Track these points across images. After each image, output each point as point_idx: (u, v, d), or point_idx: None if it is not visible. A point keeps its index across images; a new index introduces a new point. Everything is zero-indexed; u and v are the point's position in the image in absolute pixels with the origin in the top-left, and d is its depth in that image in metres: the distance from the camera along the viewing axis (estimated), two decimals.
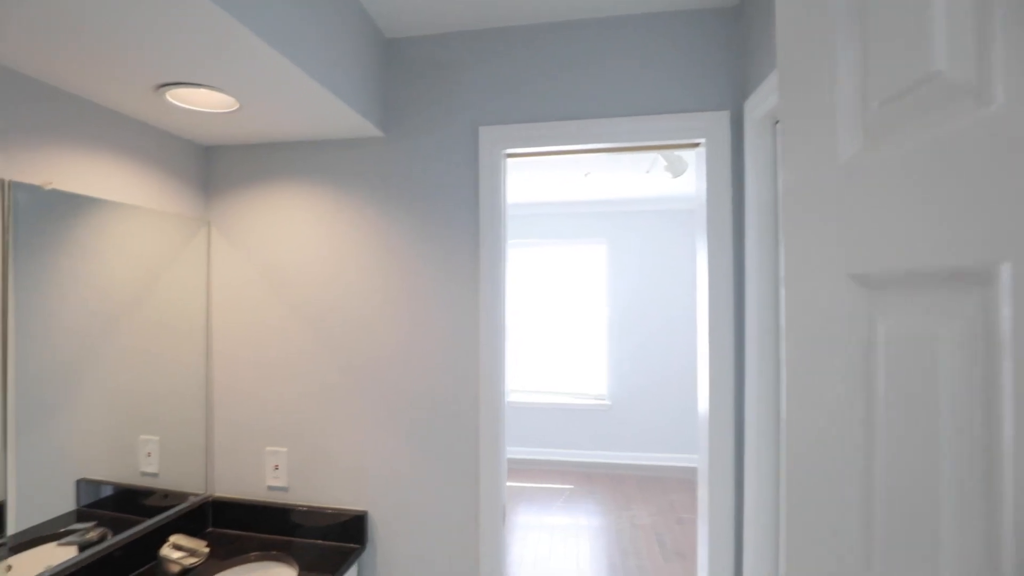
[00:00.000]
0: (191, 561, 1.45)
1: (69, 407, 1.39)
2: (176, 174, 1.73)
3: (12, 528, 1.21)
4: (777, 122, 1.42)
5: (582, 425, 5.20)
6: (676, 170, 2.81)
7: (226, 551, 1.63)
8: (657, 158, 3.04)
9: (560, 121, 1.64)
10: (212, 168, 1.85)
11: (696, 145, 1.65)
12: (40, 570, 1.26)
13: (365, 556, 1.72)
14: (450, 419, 1.68)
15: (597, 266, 5.25)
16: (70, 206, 1.40)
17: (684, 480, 4.68)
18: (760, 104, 1.40)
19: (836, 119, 0.61)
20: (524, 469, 5.01)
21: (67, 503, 1.36)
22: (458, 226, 1.69)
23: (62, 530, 1.33)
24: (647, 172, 3.62)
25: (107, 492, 1.47)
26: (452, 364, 1.69)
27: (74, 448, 1.39)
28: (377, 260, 1.73)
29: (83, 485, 1.40)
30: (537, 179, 4.03)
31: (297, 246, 1.79)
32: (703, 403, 1.62)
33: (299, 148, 1.79)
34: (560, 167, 3.61)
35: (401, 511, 1.70)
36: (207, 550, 1.48)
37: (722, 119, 1.57)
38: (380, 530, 1.71)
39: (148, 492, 1.59)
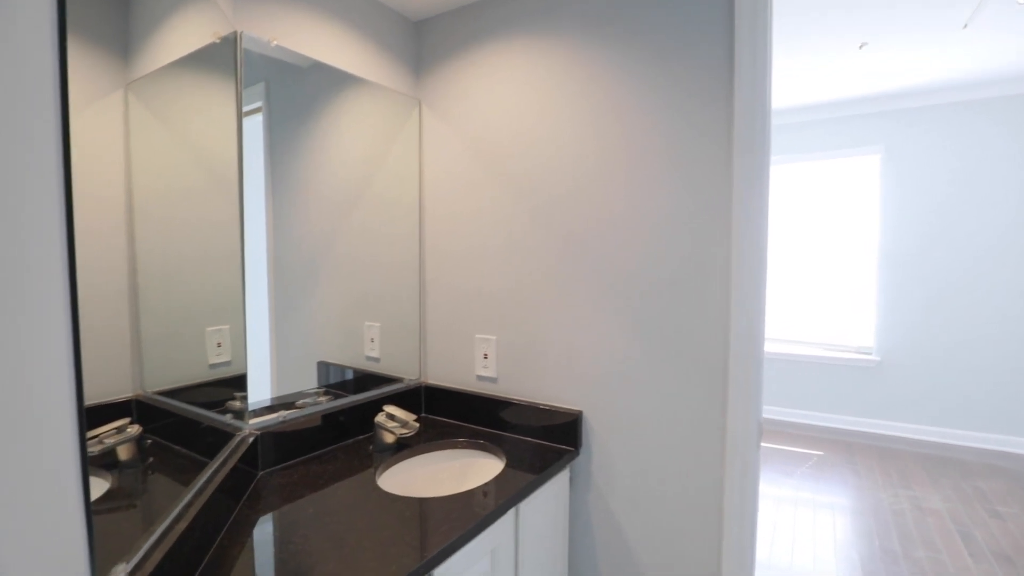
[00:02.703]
0: (402, 432, 1.39)
1: (312, 292, 1.46)
2: (389, 48, 1.66)
3: (274, 393, 1.37)
4: None
5: (839, 384, 4.24)
6: None
7: (436, 434, 1.56)
8: None
9: None
10: (421, 43, 1.75)
11: None
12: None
13: (578, 462, 1.49)
14: (688, 309, 1.31)
15: (866, 184, 4.12)
16: (297, 70, 1.39)
17: (993, 466, 3.48)
18: None
19: None
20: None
21: (311, 381, 1.47)
22: (702, 57, 1.27)
23: (299, 398, 1.44)
24: (964, 27, 2.56)
25: (339, 374, 1.55)
26: (692, 240, 1.30)
27: (314, 332, 1.47)
28: (594, 115, 1.42)
29: (321, 367, 1.50)
30: (794, 62, 3.23)
31: (507, 112, 1.57)
32: None
33: None
34: (827, 37, 2.79)
35: (622, 416, 1.41)
36: (417, 424, 1.41)
37: None
38: (596, 435, 1.45)
39: (371, 376, 1.63)
